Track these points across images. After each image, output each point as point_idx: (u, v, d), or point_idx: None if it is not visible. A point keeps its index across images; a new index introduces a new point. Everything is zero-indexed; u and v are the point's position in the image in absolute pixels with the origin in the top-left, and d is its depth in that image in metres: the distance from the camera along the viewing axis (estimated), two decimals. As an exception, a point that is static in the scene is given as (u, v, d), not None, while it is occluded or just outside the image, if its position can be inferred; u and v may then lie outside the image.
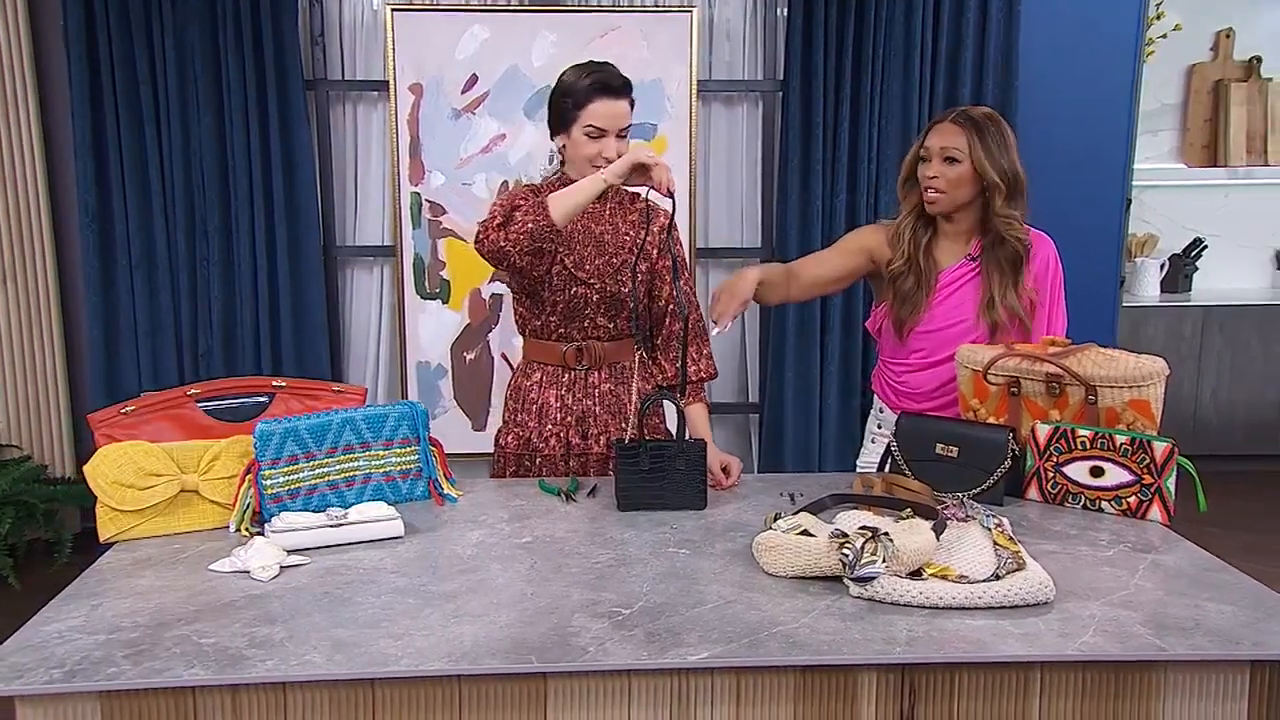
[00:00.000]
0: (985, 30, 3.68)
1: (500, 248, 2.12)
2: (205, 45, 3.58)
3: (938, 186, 2.31)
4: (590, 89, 2.20)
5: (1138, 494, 2.02)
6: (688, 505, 2.09)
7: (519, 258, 2.13)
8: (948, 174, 2.30)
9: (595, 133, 2.22)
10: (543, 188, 2.36)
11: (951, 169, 2.29)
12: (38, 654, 1.48)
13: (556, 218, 2.10)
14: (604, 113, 2.21)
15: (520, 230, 2.09)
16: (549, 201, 2.11)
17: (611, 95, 2.21)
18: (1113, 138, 3.84)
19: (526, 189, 2.34)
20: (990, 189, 2.29)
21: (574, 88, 2.22)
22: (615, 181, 2.12)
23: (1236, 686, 1.53)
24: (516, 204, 2.14)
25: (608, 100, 2.21)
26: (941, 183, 2.31)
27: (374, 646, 1.50)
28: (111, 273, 3.70)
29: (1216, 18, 6.15)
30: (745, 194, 3.91)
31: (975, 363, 2.21)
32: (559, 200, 2.12)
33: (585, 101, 2.20)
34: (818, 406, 3.80)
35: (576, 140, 2.24)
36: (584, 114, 2.21)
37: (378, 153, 3.81)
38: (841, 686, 1.52)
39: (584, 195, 2.12)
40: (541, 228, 2.09)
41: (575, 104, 2.22)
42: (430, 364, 3.76)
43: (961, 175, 2.29)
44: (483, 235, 2.14)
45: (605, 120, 2.21)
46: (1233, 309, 5.88)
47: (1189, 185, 6.20)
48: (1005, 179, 2.28)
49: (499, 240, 2.11)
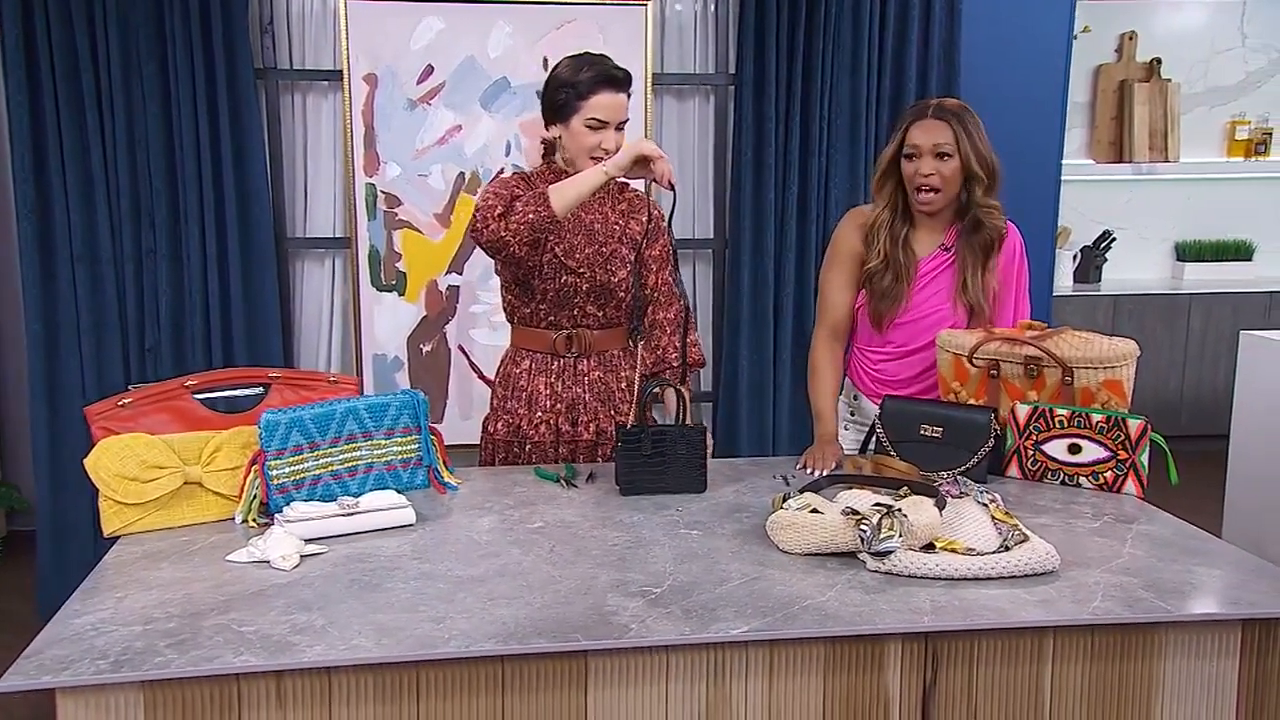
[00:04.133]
0: (929, 29, 3.80)
1: (500, 237, 2.14)
2: (150, 31, 3.48)
3: (933, 184, 2.34)
4: (594, 81, 2.23)
5: (1113, 469, 2.14)
6: (688, 489, 2.14)
7: (518, 248, 2.15)
8: (942, 170, 2.33)
9: (597, 124, 2.24)
10: (532, 176, 2.38)
11: (945, 165, 2.33)
12: (76, 646, 1.46)
13: (557, 209, 2.12)
14: (606, 104, 2.24)
15: (521, 220, 2.11)
16: (550, 193, 2.13)
17: (614, 87, 2.24)
18: (1046, 132, 4.01)
19: (517, 178, 2.36)
20: (973, 180, 2.35)
21: (576, 79, 2.24)
22: (617, 174, 2.15)
23: (1230, 644, 1.64)
24: (516, 194, 2.15)
25: (610, 92, 2.24)
26: (937, 179, 2.33)
27: (417, 630, 1.52)
28: (52, 266, 3.57)
29: (1121, 21, 6.44)
30: (697, 187, 3.97)
31: (957, 347, 2.30)
32: (560, 191, 2.14)
33: (588, 93, 2.23)
34: (771, 394, 3.89)
35: (576, 131, 2.26)
36: (586, 105, 2.24)
37: (328, 143, 3.76)
38: (869, 657, 1.59)
39: (586, 186, 2.14)
40: (542, 219, 2.12)
41: (577, 95, 2.24)
42: (386, 356, 3.73)
43: (954, 169, 2.34)
44: (481, 225, 2.15)
45: (607, 112, 2.24)
46: (1139, 298, 6.18)
47: (1097, 180, 6.49)
48: (987, 169, 2.34)
49: (499, 230, 2.13)
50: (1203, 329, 6.19)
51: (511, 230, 2.13)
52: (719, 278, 3.99)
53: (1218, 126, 6.57)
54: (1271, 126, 6.55)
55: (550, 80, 2.29)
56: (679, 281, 2.33)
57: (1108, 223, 6.53)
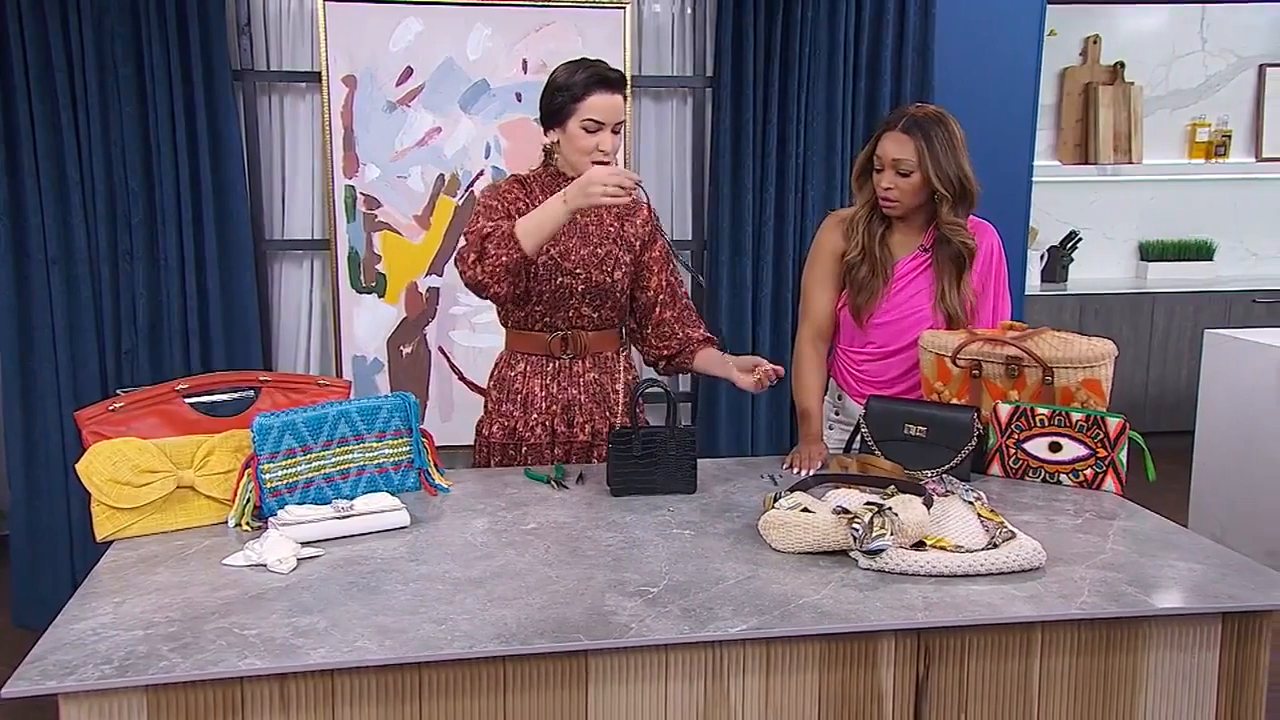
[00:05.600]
0: (903, 33, 3.85)
1: (479, 281, 2.20)
2: (126, 31, 3.44)
3: (892, 198, 2.41)
4: (588, 82, 2.25)
5: (1093, 467, 2.19)
6: (678, 489, 2.17)
7: (498, 288, 2.21)
8: (900, 185, 2.39)
9: (593, 126, 2.26)
10: (529, 179, 2.40)
11: (904, 180, 2.39)
12: (79, 651, 1.46)
13: (528, 249, 2.17)
14: (602, 106, 2.25)
15: (495, 263, 2.17)
16: (518, 234, 2.16)
17: (608, 89, 2.26)
18: (1018, 134, 4.07)
19: (512, 183, 2.37)
20: (939, 198, 2.40)
21: (570, 82, 2.26)
22: (575, 205, 2.12)
23: (1211, 636, 1.69)
24: (486, 233, 2.18)
25: (605, 94, 2.26)
26: (895, 193, 2.40)
27: (419, 632, 1.53)
28: (25, 268, 3.53)
29: (1085, 24, 6.55)
30: (676, 188, 4.00)
31: (940, 347, 2.34)
32: (527, 231, 2.16)
33: (583, 95, 2.25)
34: (749, 395, 3.91)
35: (572, 134, 2.28)
36: (581, 107, 2.25)
37: (306, 145, 3.75)
38: (863, 653, 1.62)
39: (552, 223, 2.16)
40: (515, 260, 2.16)
41: (573, 97, 2.26)
42: (366, 358, 3.72)
43: (914, 185, 2.39)
44: (462, 269, 2.22)
45: (602, 113, 2.26)
46: (1104, 297, 6.29)
47: (1064, 181, 6.59)
48: (952, 188, 2.38)
49: (477, 275, 2.19)
50: (1166, 327, 6.30)
51: (488, 273, 2.18)
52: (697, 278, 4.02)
53: (1179, 129, 6.70)
54: (1231, 129, 6.69)
55: (546, 86, 2.31)
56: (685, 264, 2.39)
57: (1074, 223, 6.64)
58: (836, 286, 2.54)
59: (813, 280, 2.57)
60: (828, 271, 2.53)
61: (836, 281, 2.53)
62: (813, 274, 2.57)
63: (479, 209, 2.31)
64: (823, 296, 2.55)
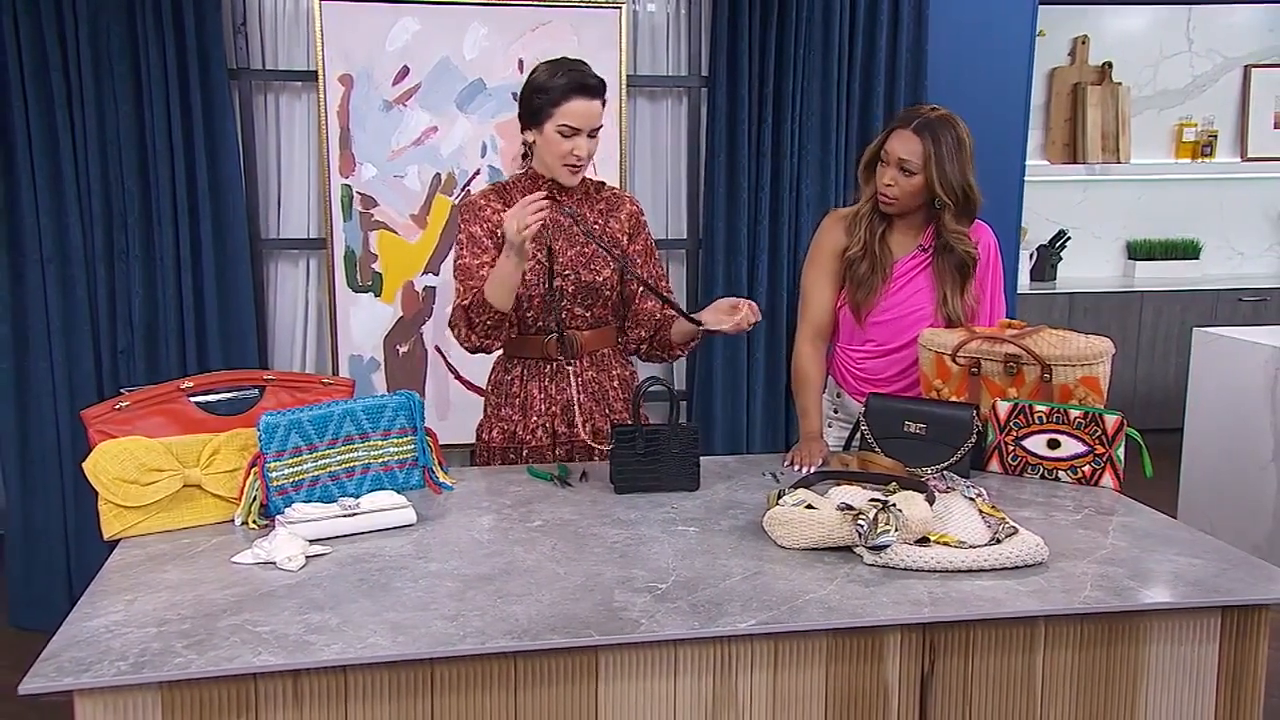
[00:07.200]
0: (897, 34, 3.88)
1: (480, 346, 2.33)
2: (122, 29, 3.44)
3: (891, 195, 2.43)
4: (566, 88, 2.25)
5: (1091, 463, 2.22)
6: (682, 486, 2.18)
7: (498, 342, 2.35)
8: (902, 183, 2.41)
9: (569, 131, 2.27)
10: (509, 186, 2.41)
11: (907, 179, 2.40)
12: (93, 648, 1.47)
13: (502, 306, 2.26)
14: (579, 111, 2.26)
15: (484, 327, 2.29)
16: (488, 297, 2.24)
17: (587, 95, 2.27)
18: (1010, 134, 4.10)
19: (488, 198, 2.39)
20: (940, 205, 2.41)
21: (549, 85, 2.26)
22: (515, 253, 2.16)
23: (1211, 630, 1.72)
24: (466, 304, 2.27)
25: (583, 100, 2.26)
26: (896, 191, 2.42)
27: (431, 628, 1.54)
28: (20, 267, 3.52)
29: (1074, 25, 6.59)
30: (671, 187, 4.01)
31: (939, 345, 2.36)
32: (494, 293, 2.24)
33: (561, 100, 2.25)
34: (745, 392, 3.94)
35: (549, 137, 2.29)
36: (559, 112, 2.26)
37: (301, 144, 3.75)
38: (870, 648, 1.64)
39: (511, 277, 2.23)
40: (495, 317, 2.27)
41: (550, 101, 2.26)
42: (363, 357, 3.72)
43: (916, 186, 2.40)
44: (459, 339, 2.35)
45: (579, 119, 2.26)
46: (1093, 295, 6.34)
47: (1052, 180, 6.64)
48: (955, 196, 2.39)
49: (475, 342, 2.33)
50: (1154, 325, 6.35)
51: (481, 336, 2.31)
52: (692, 277, 4.03)
53: (1166, 129, 6.75)
54: (1217, 129, 6.74)
55: (526, 84, 2.31)
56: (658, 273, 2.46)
57: (1062, 222, 6.68)
58: (836, 284, 2.56)
59: (812, 278, 2.59)
60: (827, 269, 2.55)
61: (836, 279, 2.55)
62: (812, 272, 2.59)
63: (461, 237, 2.37)
64: (822, 294, 2.57)
